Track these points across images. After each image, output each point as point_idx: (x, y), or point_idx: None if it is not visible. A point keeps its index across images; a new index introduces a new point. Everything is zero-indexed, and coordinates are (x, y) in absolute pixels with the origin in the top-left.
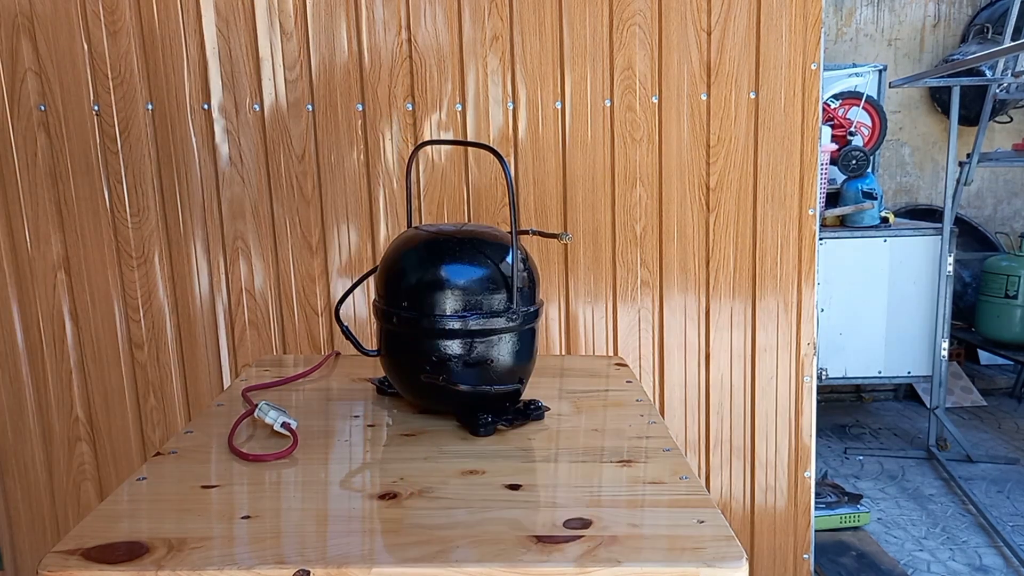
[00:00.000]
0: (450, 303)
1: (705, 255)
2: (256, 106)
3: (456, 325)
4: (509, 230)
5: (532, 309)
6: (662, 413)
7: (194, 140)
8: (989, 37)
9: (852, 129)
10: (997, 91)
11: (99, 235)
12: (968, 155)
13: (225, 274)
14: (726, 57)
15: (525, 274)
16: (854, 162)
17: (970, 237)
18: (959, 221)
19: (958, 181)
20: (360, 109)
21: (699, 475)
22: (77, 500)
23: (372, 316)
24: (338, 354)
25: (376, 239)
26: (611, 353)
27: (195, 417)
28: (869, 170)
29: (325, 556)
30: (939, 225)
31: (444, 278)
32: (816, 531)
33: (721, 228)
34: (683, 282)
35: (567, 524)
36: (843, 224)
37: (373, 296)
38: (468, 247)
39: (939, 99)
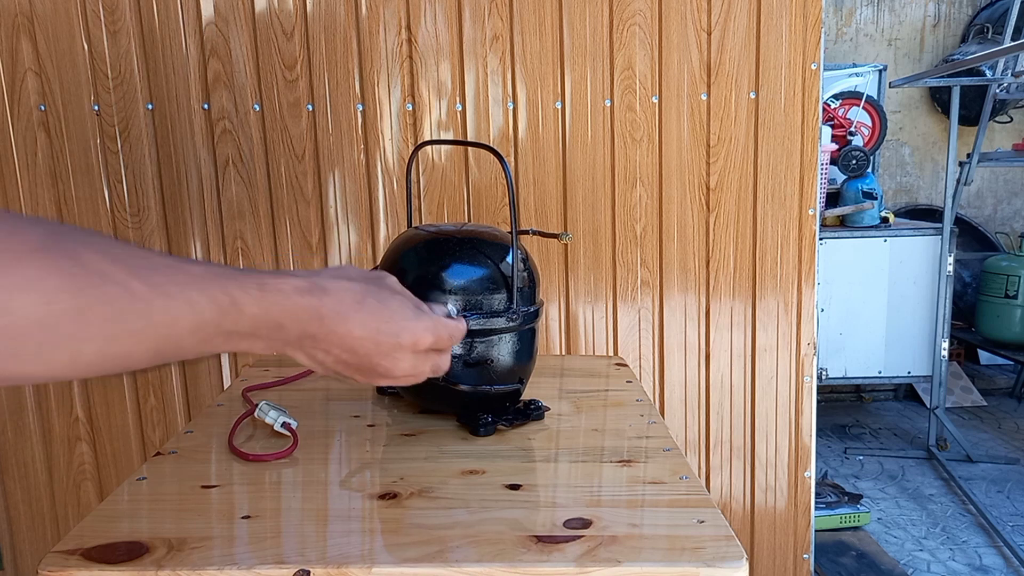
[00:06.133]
0: (450, 303)
1: (705, 255)
2: (256, 106)
3: None
4: (509, 230)
5: (532, 309)
6: (662, 413)
7: (194, 140)
8: (989, 37)
9: (852, 129)
10: (997, 91)
11: None
12: (968, 155)
13: None
14: (726, 57)
15: (525, 274)
16: (854, 162)
17: (970, 237)
18: (959, 221)
19: (958, 181)
20: (360, 109)
21: (699, 475)
22: (77, 500)
23: None
24: None
25: (376, 239)
26: (611, 353)
27: (195, 417)
28: (869, 170)
29: (325, 556)
30: (939, 225)
31: (444, 278)
32: (816, 531)
33: (721, 228)
34: (683, 282)
35: (567, 524)
36: (843, 224)
37: None
38: (468, 247)
39: (939, 99)
